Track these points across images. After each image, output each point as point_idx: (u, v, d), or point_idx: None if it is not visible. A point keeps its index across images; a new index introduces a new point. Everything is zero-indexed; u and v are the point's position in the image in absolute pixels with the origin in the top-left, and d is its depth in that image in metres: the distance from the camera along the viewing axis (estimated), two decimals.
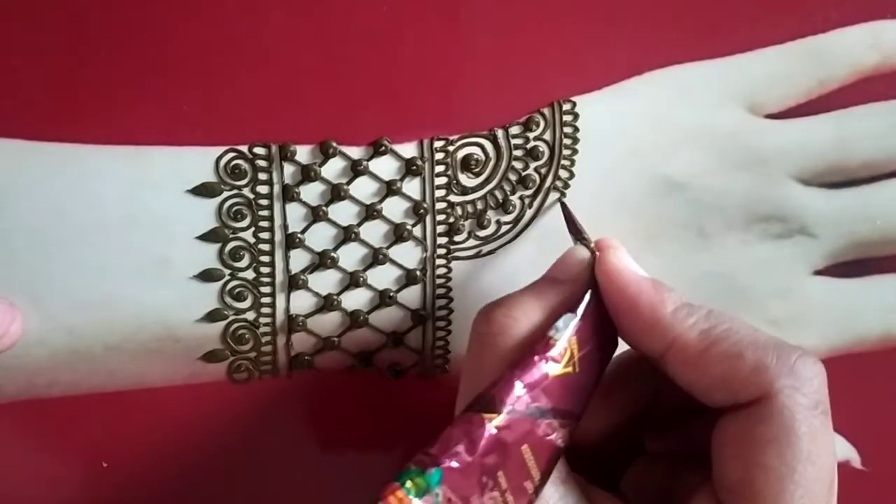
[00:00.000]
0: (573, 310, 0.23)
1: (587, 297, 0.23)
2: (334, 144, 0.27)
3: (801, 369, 0.21)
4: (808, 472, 0.20)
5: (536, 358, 0.21)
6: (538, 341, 0.22)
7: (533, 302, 0.23)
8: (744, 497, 0.21)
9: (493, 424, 0.20)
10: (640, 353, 0.24)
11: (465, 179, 0.28)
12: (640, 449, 0.27)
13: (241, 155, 0.26)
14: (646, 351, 0.23)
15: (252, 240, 0.27)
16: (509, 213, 0.28)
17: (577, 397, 0.22)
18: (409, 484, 0.19)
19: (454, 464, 0.20)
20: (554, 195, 0.28)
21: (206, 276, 0.27)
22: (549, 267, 0.25)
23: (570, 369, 0.22)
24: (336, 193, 0.27)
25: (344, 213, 0.27)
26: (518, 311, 0.23)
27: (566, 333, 0.22)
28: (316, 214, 0.27)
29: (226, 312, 0.27)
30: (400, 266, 0.28)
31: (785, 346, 0.22)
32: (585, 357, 0.23)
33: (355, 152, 0.27)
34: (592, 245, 0.25)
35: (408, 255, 0.28)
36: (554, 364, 0.22)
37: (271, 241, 0.27)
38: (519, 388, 0.21)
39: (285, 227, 0.27)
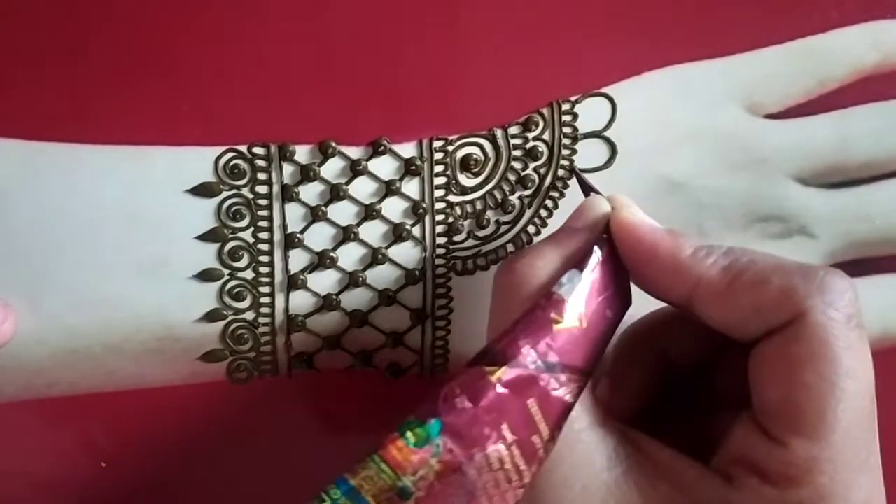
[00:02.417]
0: (580, 266, 0.23)
1: (595, 252, 0.23)
2: (333, 144, 0.27)
3: (830, 284, 0.21)
4: (850, 386, 0.20)
5: (540, 313, 0.21)
6: (543, 297, 0.22)
7: (553, 251, 0.24)
8: (786, 417, 0.20)
9: (495, 377, 0.20)
10: (667, 301, 0.24)
11: (465, 179, 0.28)
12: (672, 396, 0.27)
13: (240, 155, 0.26)
14: (672, 298, 0.23)
15: (251, 240, 0.27)
16: (508, 213, 0.28)
17: (584, 352, 0.22)
18: (409, 434, 0.19)
19: (455, 415, 0.19)
20: (553, 194, 0.28)
21: (206, 275, 0.27)
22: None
23: (576, 324, 0.22)
24: (335, 193, 0.27)
25: (343, 212, 0.27)
26: (539, 260, 0.23)
27: (570, 288, 0.22)
28: (315, 214, 0.27)
29: (225, 312, 0.27)
30: (399, 266, 0.28)
31: (810, 266, 0.21)
32: (594, 312, 0.22)
33: (354, 152, 0.27)
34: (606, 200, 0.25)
35: (407, 254, 0.28)
36: (558, 319, 0.21)
37: (270, 241, 0.27)
38: (523, 343, 0.21)
39: (284, 226, 0.27)
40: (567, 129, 0.28)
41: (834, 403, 0.20)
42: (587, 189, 0.27)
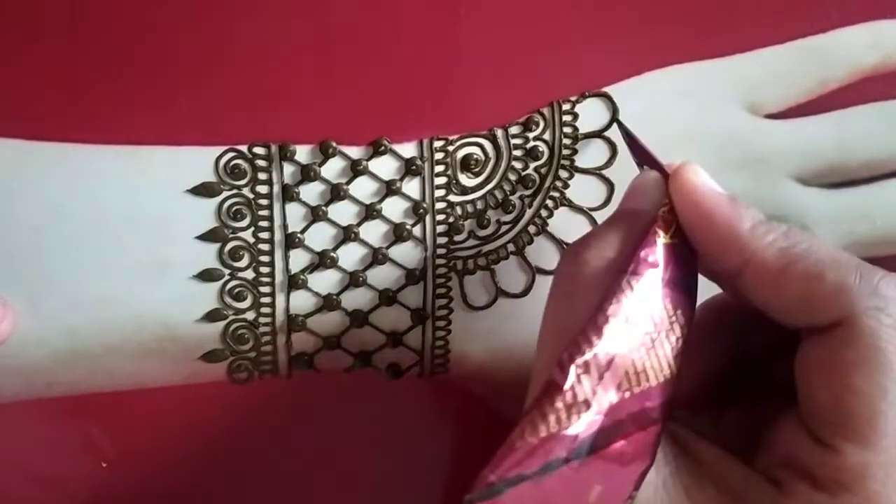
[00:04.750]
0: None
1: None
2: (334, 144, 0.27)
3: (884, 289, 0.20)
4: None
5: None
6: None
7: (619, 238, 0.22)
8: (834, 422, 0.20)
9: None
10: (713, 271, 0.23)
11: (465, 179, 0.28)
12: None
13: (240, 155, 0.26)
14: (721, 268, 0.22)
15: (252, 239, 0.27)
16: (509, 212, 0.28)
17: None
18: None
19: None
20: (554, 194, 0.28)
21: (206, 275, 0.27)
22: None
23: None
24: (336, 193, 0.27)
25: (344, 212, 0.27)
26: (608, 251, 0.22)
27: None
28: (316, 214, 0.27)
29: (225, 312, 0.27)
30: (400, 266, 0.28)
31: (867, 267, 0.21)
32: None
33: (355, 152, 0.27)
34: (665, 167, 0.24)
35: (408, 255, 0.28)
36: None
37: (271, 241, 0.27)
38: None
39: (285, 226, 0.27)
40: (567, 129, 0.28)
41: (885, 408, 0.20)
42: (640, 154, 0.25)
